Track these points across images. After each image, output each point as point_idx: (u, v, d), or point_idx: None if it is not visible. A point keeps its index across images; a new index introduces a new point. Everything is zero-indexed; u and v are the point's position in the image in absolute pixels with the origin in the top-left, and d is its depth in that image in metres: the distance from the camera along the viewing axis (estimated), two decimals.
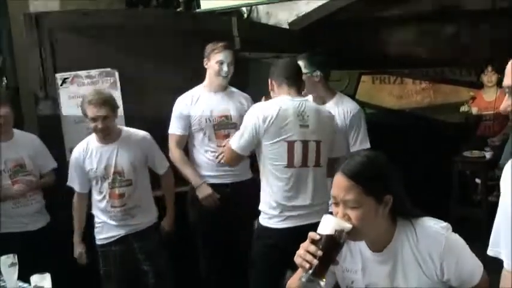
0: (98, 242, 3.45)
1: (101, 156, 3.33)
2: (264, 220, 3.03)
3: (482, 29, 5.39)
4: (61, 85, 3.91)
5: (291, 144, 2.92)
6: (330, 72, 3.56)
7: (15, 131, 3.58)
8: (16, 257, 2.58)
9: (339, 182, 1.75)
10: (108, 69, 4.02)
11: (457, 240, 1.80)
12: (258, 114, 2.94)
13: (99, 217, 3.42)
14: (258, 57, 4.51)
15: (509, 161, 1.63)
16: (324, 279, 1.69)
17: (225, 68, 3.56)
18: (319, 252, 1.67)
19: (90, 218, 3.48)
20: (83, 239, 3.48)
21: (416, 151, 5.59)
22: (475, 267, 1.83)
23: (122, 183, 3.34)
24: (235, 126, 3.47)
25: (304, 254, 1.69)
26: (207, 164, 3.63)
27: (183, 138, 3.64)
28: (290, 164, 2.93)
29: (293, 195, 2.96)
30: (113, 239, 3.41)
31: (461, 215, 5.01)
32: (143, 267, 3.47)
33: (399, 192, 1.80)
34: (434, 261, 1.76)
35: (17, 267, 2.58)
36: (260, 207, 3.06)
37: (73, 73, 3.93)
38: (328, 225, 1.71)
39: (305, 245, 1.70)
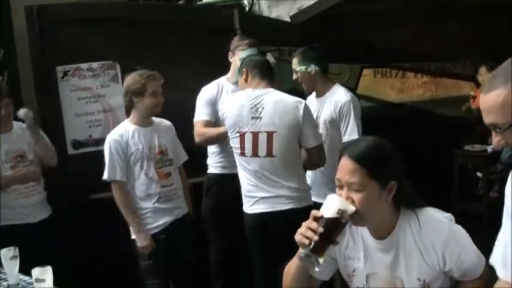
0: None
1: (144, 136, 3.36)
2: (244, 206, 3.20)
3: (482, 24, 5.37)
4: (62, 78, 3.90)
5: (242, 135, 3.14)
6: (328, 66, 3.60)
7: (15, 123, 3.57)
8: (17, 249, 2.59)
9: (344, 165, 1.77)
10: (110, 61, 4.02)
11: (460, 230, 1.82)
12: (221, 107, 3.32)
13: (145, 206, 3.34)
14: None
15: None
16: (322, 258, 1.69)
17: None
18: (320, 229, 1.68)
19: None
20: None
21: (417, 145, 5.57)
22: (477, 259, 1.83)
23: (167, 162, 3.41)
24: None
25: (305, 230, 1.70)
26: (227, 154, 3.62)
27: (209, 124, 3.62)
28: (242, 153, 3.15)
29: (253, 182, 3.12)
30: (162, 227, 3.37)
31: (461, 210, 4.99)
32: (178, 256, 3.44)
33: (403, 181, 1.81)
34: (436, 251, 1.77)
35: (18, 260, 2.59)
36: None
37: (74, 66, 3.93)
38: (331, 204, 1.72)
39: (307, 223, 1.72)
